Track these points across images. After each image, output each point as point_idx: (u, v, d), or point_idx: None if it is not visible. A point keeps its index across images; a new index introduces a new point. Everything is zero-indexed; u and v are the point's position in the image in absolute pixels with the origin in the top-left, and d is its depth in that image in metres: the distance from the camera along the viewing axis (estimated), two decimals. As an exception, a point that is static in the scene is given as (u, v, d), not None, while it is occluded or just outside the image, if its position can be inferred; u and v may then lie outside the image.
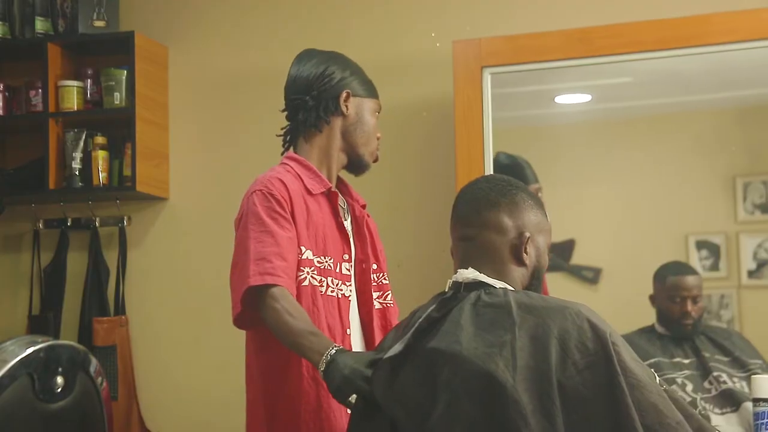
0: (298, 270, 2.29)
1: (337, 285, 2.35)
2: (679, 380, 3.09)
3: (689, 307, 3.18)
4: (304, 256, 2.30)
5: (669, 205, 3.34)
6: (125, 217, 3.89)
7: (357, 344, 2.39)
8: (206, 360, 3.77)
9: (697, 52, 3.14)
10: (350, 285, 2.39)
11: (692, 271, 3.25)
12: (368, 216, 2.54)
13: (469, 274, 1.94)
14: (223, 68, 3.89)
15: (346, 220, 2.46)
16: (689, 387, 3.08)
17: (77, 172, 3.76)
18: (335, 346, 2.05)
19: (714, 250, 3.31)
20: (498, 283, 1.92)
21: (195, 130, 3.92)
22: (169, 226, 3.90)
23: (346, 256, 2.40)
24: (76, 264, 3.91)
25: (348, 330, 2.34)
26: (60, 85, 3.80)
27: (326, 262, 2.34)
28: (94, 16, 3.84)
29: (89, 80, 3.85)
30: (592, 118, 3.55)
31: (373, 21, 3.70)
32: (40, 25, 3.88)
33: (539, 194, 3.26)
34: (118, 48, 3.78)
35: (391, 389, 1.88)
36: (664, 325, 3.21)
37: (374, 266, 2.49)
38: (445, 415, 1.78)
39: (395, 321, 2.46)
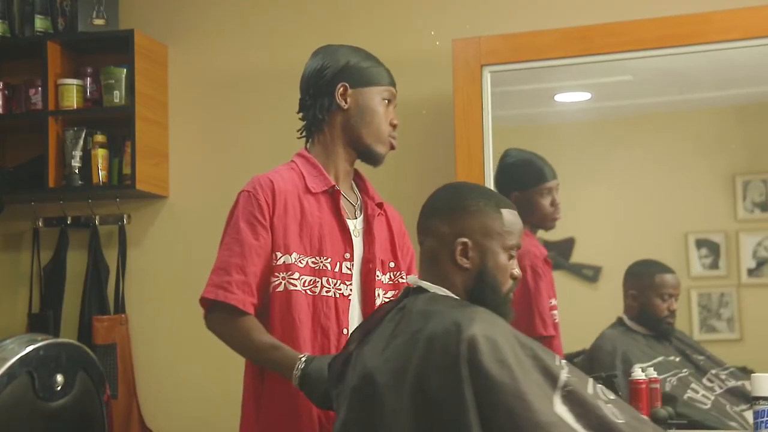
0: (272, 276, 2.30)
1: (334, 284, 2.33)
2: (692, 380, 3.09)
3: (674, 305, 3.19)
4: (279, 262, 2.30)
5: (669, 204, 3.34)
6: (125, 216, 3.89)
7: None
8: (206, 358, 3.77)
9: (697, 50, 3.14)
10: (350, 284, 2.36)
11: (671, 269, 3.26)
12: (382, 214, 2.50)
13: (412, 279, 2.05)
14: (223, 67, 3.89)
15: (355, 218, 2.44)
16: (698, 386, 3.08)
17: (77, 171, 3.76)
18: (302, 358, 2.14)
19: (714, 249, 3.30)
20: (433, 288, 2.00)
21: (195, 129, 3.92)
22: (169, 224, 3.90)
23: (347, 255, 2.37)
24: (76, 262, 3.91)
25: (345, 330, 2.32)
26: (59, 84, 3.79)
27: (321, 262, 2.33)
28: (94, 15, 3.84)
29: (89, 78, 3.85)
30: (591, 117, 3.55)
31: (372, 19, 3.70)
32: (40, 23, 3.87)
33: (556, 191, 3.25)
34: (118, 46, 3.78)
35: (335, 389, 2.00)
36: (644, 324, 3.19)
37: (391, 264, 2.47)
38: (344, 417, 1.90)
39: None
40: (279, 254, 2.30)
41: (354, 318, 2.36)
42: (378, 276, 2.41)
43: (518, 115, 3.61)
